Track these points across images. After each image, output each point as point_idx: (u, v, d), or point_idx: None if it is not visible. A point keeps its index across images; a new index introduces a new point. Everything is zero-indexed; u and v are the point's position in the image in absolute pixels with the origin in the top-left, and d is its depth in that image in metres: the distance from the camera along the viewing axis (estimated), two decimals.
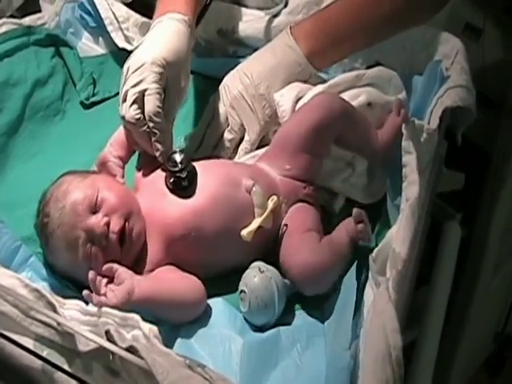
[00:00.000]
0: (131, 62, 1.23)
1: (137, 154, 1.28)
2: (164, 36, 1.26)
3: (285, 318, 1.14)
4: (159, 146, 1.20)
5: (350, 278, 1.09)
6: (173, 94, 1.24)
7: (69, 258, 1.14)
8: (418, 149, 1.12)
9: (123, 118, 1.21)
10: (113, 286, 1.07)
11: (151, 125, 1.20)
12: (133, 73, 1.21)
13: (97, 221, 1.12)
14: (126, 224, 1.14)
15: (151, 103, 1.19)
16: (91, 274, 1.06)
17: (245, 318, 1.14)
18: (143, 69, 1.20)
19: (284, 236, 1.21)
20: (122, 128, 1.26)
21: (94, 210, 1.13)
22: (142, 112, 1.20)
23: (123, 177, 1.25)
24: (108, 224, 1.12)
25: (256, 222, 1.18)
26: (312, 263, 1.14)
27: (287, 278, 1.16)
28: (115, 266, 1.10)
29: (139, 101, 1.20)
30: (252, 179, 1.22)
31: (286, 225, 1.22)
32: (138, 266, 1.16)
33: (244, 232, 1.16)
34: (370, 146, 1.30)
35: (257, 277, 1.13)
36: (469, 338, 1.94)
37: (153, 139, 1.20)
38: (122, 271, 1.10)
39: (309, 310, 1.16)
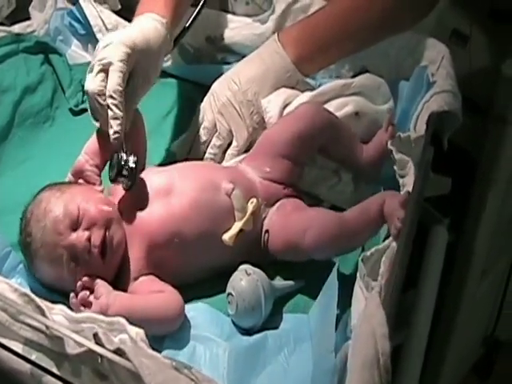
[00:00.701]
0: (104, 40, 1.25)
1: None
2: (139, 27, 1.27)
3: (272, 322, 1.14)
4: (114, 123, 1.18)
5: (332, 280, 1.09)
6: (137, 79, 1.24)
7: (54, 274, 1.15)
8: (412, 157, 1.15)
9: (87, 91, 1.22)
10: (92, 299, 1.10)
11: (110, 101, 1.18)
12: (102, 48, 1.22)
13: (78, 237, 1.13)
14: (107, 234, 1.14)
15: (113, 80, 1.19)
16: (72, 296, 1.09)
17: (232, 321, 1.14)
18: (112, 46, 1.21)
19: (272, 227, 1.21)
20: (95, 136, 1.26)
21: (75, 226, 1.14)
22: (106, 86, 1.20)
23: (101, 184, 1.25)
24: (89, 238, 1.13)
25: (237, 226, 1.19)
26: (324, 234, 1.14)
27: (300, 251, 1.16)
28: (96, 280, 1.12)
29: (104, 73, 1.20)
30: (231, 182, 1.22)
31: (268, 231, 1.22)
32: (122, 274, 1.17)
33: (225, 236, 1.17)
34: (353, 159, 1.31)
35: (244, 280, 1.14)
36: (457, 342, 1.95)
37: (109, 115, 1.18)
38: (100, 285, 1.12)
39: (296, 312, 1.16)
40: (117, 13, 1.65)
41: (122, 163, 1.18)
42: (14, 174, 1.40)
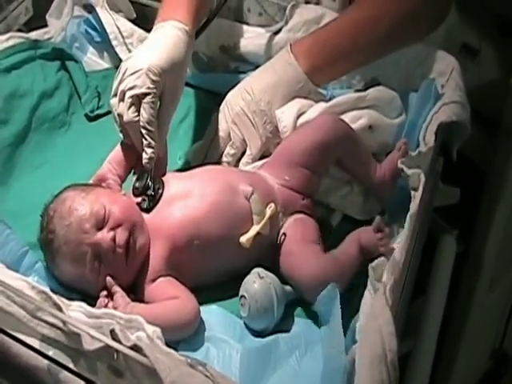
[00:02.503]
0: (130, 64, 1.26)
1: None
2: (163, 43, 1.29)
3: (284, 325, 1.16)
4: (148, 151, 1.24)
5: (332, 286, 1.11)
6: (167, 101, 1.27)
7: (76, 272, 1.16)
8: (422, 168, 1.18)
9: (120, 116, 1.25)
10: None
11: (144, 132, 1.23)
12: (130, 75, 1.25)
13: (103, 236, 1.15)
14: (131, 237, 1.16)
15: (147, 112, 1.23)
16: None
17: (245, 324, 1.16)
18: (140, 74, 1.24)
19: (284, 246, 1.23)
20: (119, 146, 1.30)
21: (101, 225, 1.16)
22: (139, 114, 1.24)
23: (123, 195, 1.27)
24: (114, 239, 1.15)
25: (254, 229, 1.20)
26: (318, 274, 1.16)
27: (293, 288, 1.19)
28: (115, 288, 1.15)
29: (136, 103, 1.23)
30: (250, 186, 1.24)
31: (285, 234, 1.24)
32: (140, 274, 1.19)
33: (243, 239, 1.19)
34: (367, 175, 1.33)
35: (256, 282, 1.16)
36: (466, 353, 1.95)
37: (144, 143, 1.24)
38: (119, 296, 1.14)
39: (307, 316, 1.18)
40: (132, 21, 1.67)
41: (149, 184, 1.24)
42: (31, 178, 1.42)
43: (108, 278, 1.15)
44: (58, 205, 1.19)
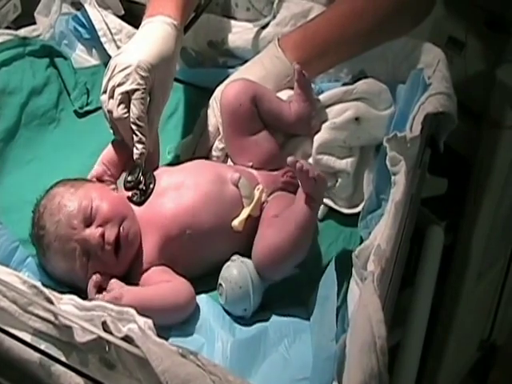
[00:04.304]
0: (119, 60, 1.27)
1: None
2: (152, 38, 1.30)
3: (271, 314, 1.17)
4: (139, 146, 1.25)
5: (330, 271, 1.12)
6: (157, 96, 1.28)
7: (66, 267, 1.18)
8: (405, 156, 1.17)
9: (110, 112, 1.26)
10: (104, 293, 1.13)
11: (134, 127, 1.24)
12: (120, 72, 1.25)
13: (91, 233, 1.16)
14: (121, 230, 1.17)
15: (137, 108, 1.24)
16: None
17: (225, 311, 1.17)
18: (129, 70, 1.24)
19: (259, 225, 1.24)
20: (111, 146, 1.31)
21: (89, 222, 1.17)
22: (129, 110, 1.24)
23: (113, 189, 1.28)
24: (103, 235, 1.16)
25: (245, 211, 1.23)
26: (270, 246, 1.17)
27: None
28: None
29: (125, 100, 1.24)
30: (237, 172, 1.27)
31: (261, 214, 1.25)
32: (133, 266, 1.20)
33: (235, 222, 1.21)
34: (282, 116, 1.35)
35: (230, 266, 1.18)
36: (454, 344, 1.97)
37: (135, 139, 1.25)
38: (112, 281, 1.15)
39: (294, 304, 1.19)
40: (120, 17, 1.67)
41: (141, 179, 1.25)
42: (21, 174, 1.43)
43: (96, 276, 1.15)
44: (48, 201, 1.20)
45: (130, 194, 1.25)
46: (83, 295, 1.10)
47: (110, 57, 1.58)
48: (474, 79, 1.79)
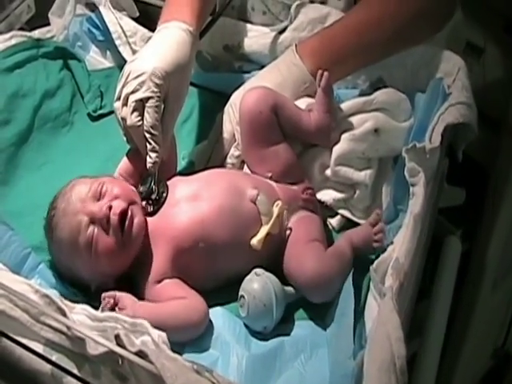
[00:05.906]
0: (133, 67, 1.26)
1: None
2: (167, 45, 1.28)
3: (288, 328, 1.16)
4: (152, 155, 1.23)
5: (347, 287, 1.11)
6: (172, 104, 1.27)
7: (71, 248, 1.17)
8: (424, 168, 1.16)
9: (124, 120, 1.25)
10: (117, 310, 1.11)
11: (148, 136, 1.23)
12: (134, 79, 1.24)
13: (100, 205, 1.16)
14: (129, 209, 1.17)
15: (151, 116, 1.22)
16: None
17: (245, 325, 1.16)
18: (144, 77, 1.23)
19: (288, 245, 1.23)
20: (126, 158, 1.30)
21: (98, 197, 1.18)
22: (142, 118, 1.23)
23: None
24: (110, 207, 1.16)
25: (264, 230, 1.20)
26: (320, 273, 1.16)
27: (293, 287, 1.18)
28: (117, 293, 1.14)
29: (139, 108, 1.23)
30: (255, 188, 1.24)
31: (290, 233, 1.24)
32: (142, 275, 1.18)
33: (254, 241, 1.19)
34: (302, 125, 1.33)
35: (254, 280, 1.16)
36: (468, 352, 1.95)
37: (148, 148, 1.23)
38: (124, 297, 1.13)
39: (311, 319, 1.18)
40: (135, 20, 1.66)
41: (153, 188, 1.24)
42: (33, 177, 1.42)
43: (109, 294, 1.13)
44: (64, 187, 1.22)
45: (143, 203, 1.24)
46: (92, 303, 1.08)
47: (124, 59, 1.58)
48: (492, 85, 1.77)
